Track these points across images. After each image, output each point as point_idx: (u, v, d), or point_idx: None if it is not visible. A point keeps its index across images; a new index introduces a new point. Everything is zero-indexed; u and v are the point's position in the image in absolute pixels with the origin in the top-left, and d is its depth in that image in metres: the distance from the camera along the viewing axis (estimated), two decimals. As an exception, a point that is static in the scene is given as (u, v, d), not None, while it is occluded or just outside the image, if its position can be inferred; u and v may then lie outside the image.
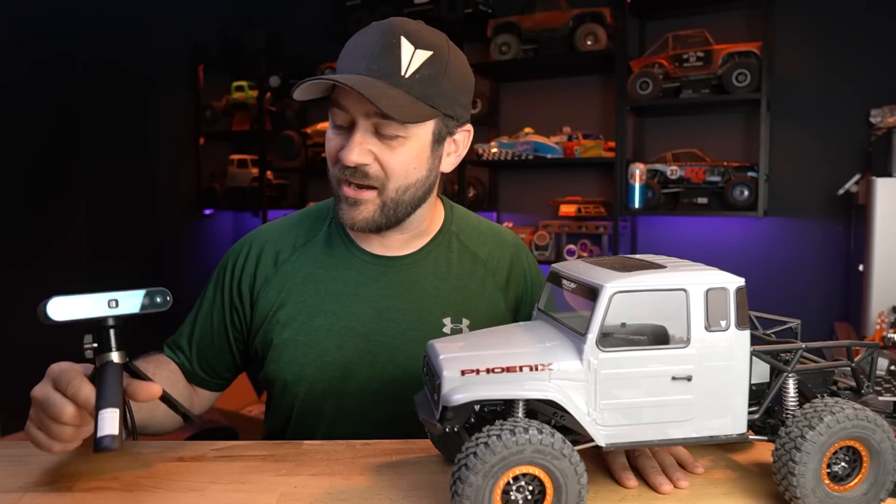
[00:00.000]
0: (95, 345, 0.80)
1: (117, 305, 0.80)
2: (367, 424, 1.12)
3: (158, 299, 0.84)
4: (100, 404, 0.74)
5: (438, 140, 1.09)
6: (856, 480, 0.71)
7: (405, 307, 1.14)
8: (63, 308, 0.77)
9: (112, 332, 0.81)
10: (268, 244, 1.19)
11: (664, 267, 0.72)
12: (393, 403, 1.10)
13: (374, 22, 1.06)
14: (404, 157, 1.05)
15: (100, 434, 0.70)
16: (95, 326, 0.80)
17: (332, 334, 1.12)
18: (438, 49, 1.04)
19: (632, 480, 0.80)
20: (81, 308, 0.78)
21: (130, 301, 0.81)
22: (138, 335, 0.95)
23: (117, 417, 0.72)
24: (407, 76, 1.01)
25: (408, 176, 1.06)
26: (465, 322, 1.15)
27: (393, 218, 1.09)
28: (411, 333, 1.12)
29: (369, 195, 1.06)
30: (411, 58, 1.01)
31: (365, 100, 0.97)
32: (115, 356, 0.80)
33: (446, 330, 1.14)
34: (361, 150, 1.02)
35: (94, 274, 4.09)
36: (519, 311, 1.23)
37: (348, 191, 1.06)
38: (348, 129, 1.05)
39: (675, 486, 0.79)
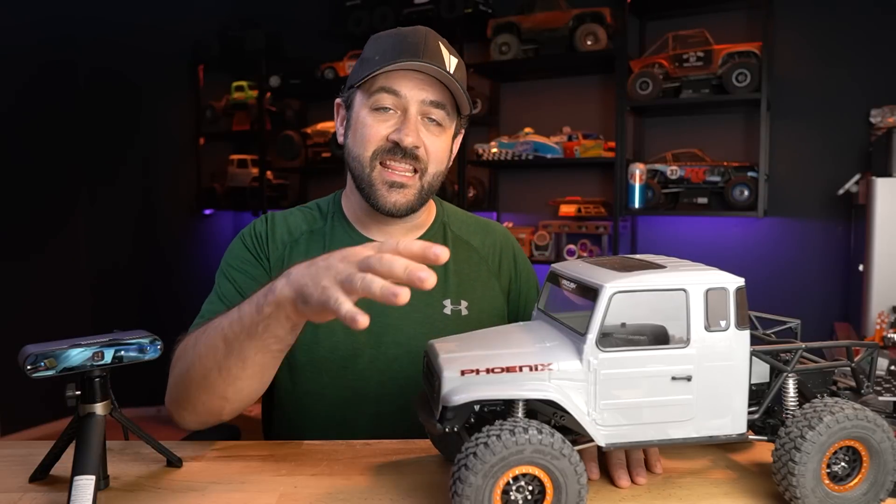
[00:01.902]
0: (79, 393, 0.78)
1: (103, 358, 0.78)
2: (371, 403, 1.14)
3: (149, 349, 0.81)
4: (77, 468, 0.72)
5: (454, 136, 1.20)
6: (856, 480, 0.71)
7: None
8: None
9: (97, 382, 0.79)
10: (277, 226, 1.22)
11: (664, 267, 0.72)
12: (398, 382, 1.14)
13: (399, 27, 1.14)
14: (443, 144, 1.15)
15: None
16: (80, 375, 0.78)
17: None
18: (461, 60, 1.15)
19: (594, 473, 0.83)
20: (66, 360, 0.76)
21: (118, 351, 0.79)
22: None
23: (91, 487, 0.71)
24: (452, 74, 1.09)
25: (441, 163, 1.16)
26: (464, 304, 1.20)
27: (421, 203, 1.16)
28: (414, 315, 1.16)
29: (413, 179, 1.12)
30: (450, 60, 1.11)
31: (423, 87, 1.09)
32: (98, 408, 0.79)
33: (447, 311, 1.18)
34: (417, 134, 1.10)
35: (93, 273, 4.10)
36: (510, 295, 1.29)
37: (393, 175, 1.11)
38: (392, 114, 1.10)
39: (632, 482, 0.81)
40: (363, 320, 0.70)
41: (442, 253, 0.71)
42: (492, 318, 1.22)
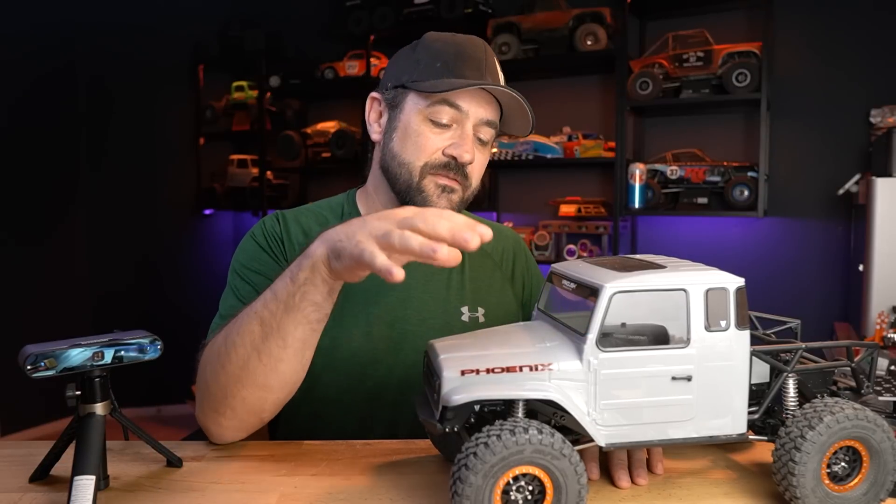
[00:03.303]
0: (79, 393, 0.78)
1: (103, 358, 0.78)
2: (388, 409, 1.12)
3: (149, 349, 0.81)
4: (77, 468, 0.72)
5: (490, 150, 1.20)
6: (856, 480, 0.71)
7: (426, 297, 1.18)
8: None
9: (97, 382, 0.79)
10: (291, 227, 1.18)
11: (664, 267, 0.72)
12: (416, 389, 1.10)
13: (453, 33, 1.13)
14: (485, 161, 1.16)
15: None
16: (80, 375, 0.78)
17: (360, 321, 1.13)
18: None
19: (595, 473, 0.82)
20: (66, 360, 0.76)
21: (118, 351, 0.79)
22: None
23: (91, 487, 0.71)
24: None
25: (479, 179, 1.16)
26: (481, 311, 1.20)
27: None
28: (432, 321, 1.16)
29: (460, 188, 1.13)
30: (502, 77, 1.12)
31: (483, 104, 1.09)
32: (98, 408, 0.79)
33: (465, 318, 1.18)
34: (473, 151, 1.10)
35: (93, 273, 4.10)
36: (523, 300, 1.29)
37: (445, 180, 1.10)
38: (448, 126, 1.09)
39: (633, 483, 0.81)
40: (398, 273, 0.69)
41: (485, 234, 0.69)
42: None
